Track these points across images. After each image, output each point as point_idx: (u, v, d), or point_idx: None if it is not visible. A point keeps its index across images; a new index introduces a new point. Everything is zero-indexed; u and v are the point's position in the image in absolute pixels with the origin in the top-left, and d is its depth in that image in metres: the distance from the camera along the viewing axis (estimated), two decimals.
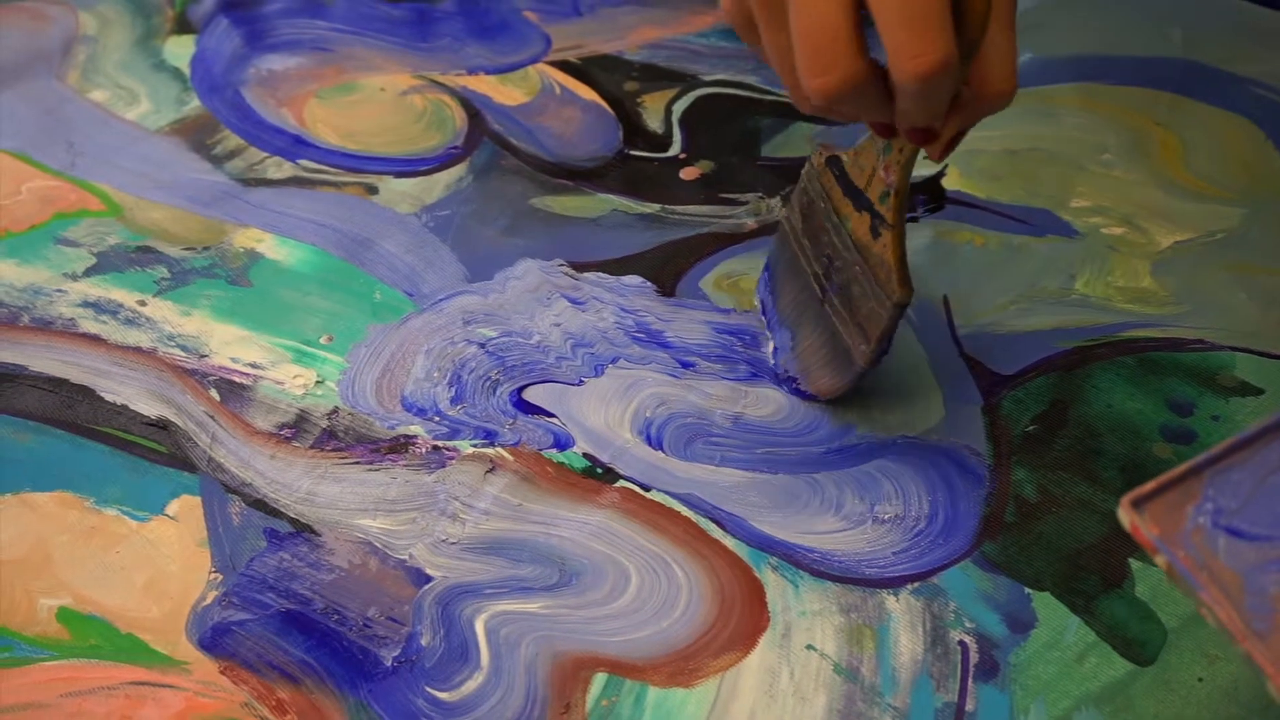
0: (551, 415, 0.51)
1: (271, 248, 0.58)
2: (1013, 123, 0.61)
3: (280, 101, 0.64)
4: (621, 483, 0.49)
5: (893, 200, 0.45)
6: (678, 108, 0.64)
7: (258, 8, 0.69)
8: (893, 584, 0.45)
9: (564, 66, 0.66)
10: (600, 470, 0.49)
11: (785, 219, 0.52)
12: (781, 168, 0.60)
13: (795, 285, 0.51)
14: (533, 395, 0.52)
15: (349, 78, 0.66)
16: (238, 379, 0.52)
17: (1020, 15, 0.67)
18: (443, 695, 0.43)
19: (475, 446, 0.50)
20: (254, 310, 0.55)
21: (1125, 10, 0.67)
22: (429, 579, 0.46)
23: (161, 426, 0.51)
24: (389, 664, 0.44)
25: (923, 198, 0.58)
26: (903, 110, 0.41)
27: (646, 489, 0.48)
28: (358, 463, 0.50)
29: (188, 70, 0.66)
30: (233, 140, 0.63)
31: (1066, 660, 0.43)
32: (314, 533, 0.47)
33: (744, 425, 0.50)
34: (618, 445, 0.50)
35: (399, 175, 0.61)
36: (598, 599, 0.45)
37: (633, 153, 0.62)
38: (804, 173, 0.50)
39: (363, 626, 0.45)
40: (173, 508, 0.48)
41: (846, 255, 0.47)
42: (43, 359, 0.53)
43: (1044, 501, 0.47)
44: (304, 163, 0.61)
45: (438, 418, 0.51)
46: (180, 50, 0.67)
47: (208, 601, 0.46)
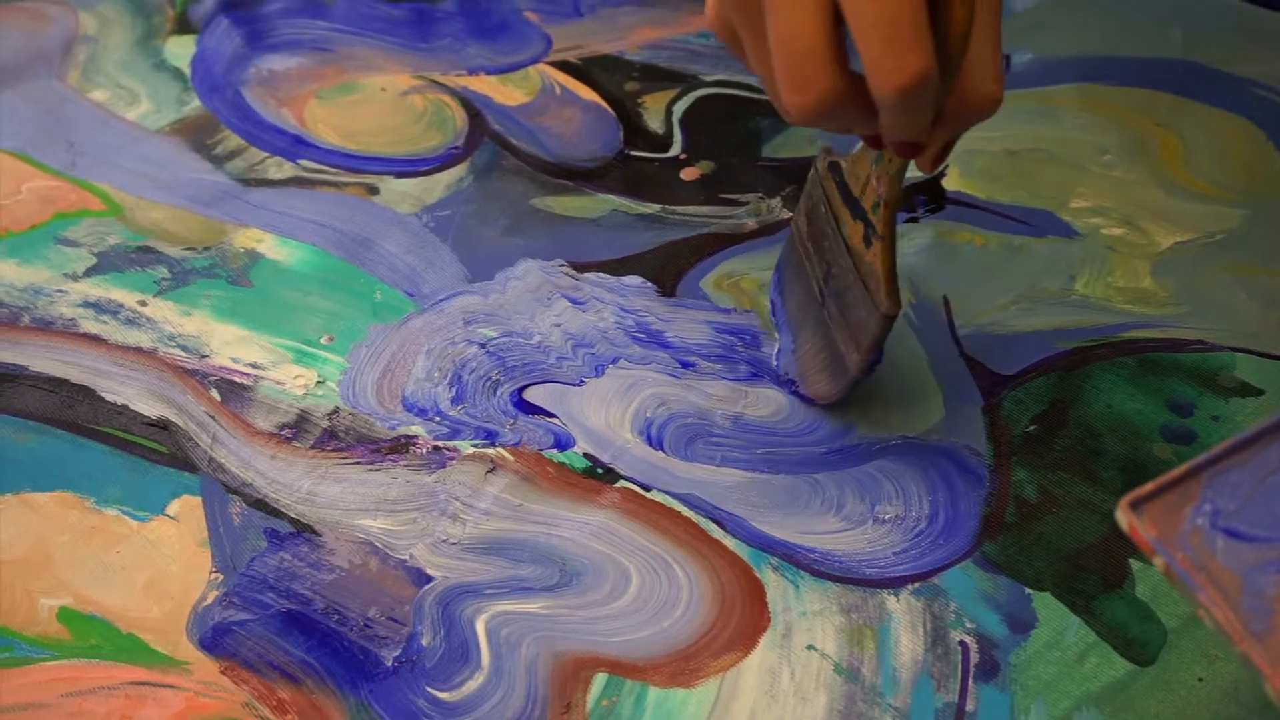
0: (552, 415, 0.51)
1: (272, 248, 0.58)
2: (1013, 123, 0.61)
3: (281, 101, 0.64)
4: (622, 483, 0.49)
5: (883, 211, 0.44)
6: (678, 108, 0.64)
7: (258, 8, 0.69)
8: (893, 584, 0.45)
9: (564, 67, 0.66)
10: (601, 470, 0.49)
11: (794, 221, 0.51)
12: (782, 168, 0.60)
13: (799, 288, 0.51)
14: (533, 395, 0.52)
15: (349, 78, 0.66)
16: (238, 379, 0.52)
17: (1020, 15, 0.68)
18: (443, 695, 0.43)
19: (476, 447, 0.50)
20: (255, 310, 0.55)
21: (1125, 10, 0.67)
22: (430, 579, 0.46)
23: (162, 427, 0.51)
24: (390, 664, 0.44)
25: (923, 198, 0.58)
26: (885, 124, 0.40)
27: (647, 489, 0.48)
28: (358, 463, 0.50)
29: (188, 70, 0.66)
30: (233, 140, 0.63)
31: (1067, 660, 0.43)
32: (315, 533, 0.47)
33: (744, 425, 0.50)
34: (618, 445, 0.50)
35: (399, 175, 0.61)
36: (598, 599, 0.45)
37: (633, 153, 0.62)
38: (810, 175, 0.50)
39: (363, 627, 0.45)
40: (173, 508, 0.48)
41: (843, 261, 0.47)
42: (43, 359, 0.53)
43: (1044, 502, 0.47)
44: (304, 163, 0.61)
45: (438, 418, 0.51)
46: (181, 50, 0.67)
47: (208, 601, 0.46)
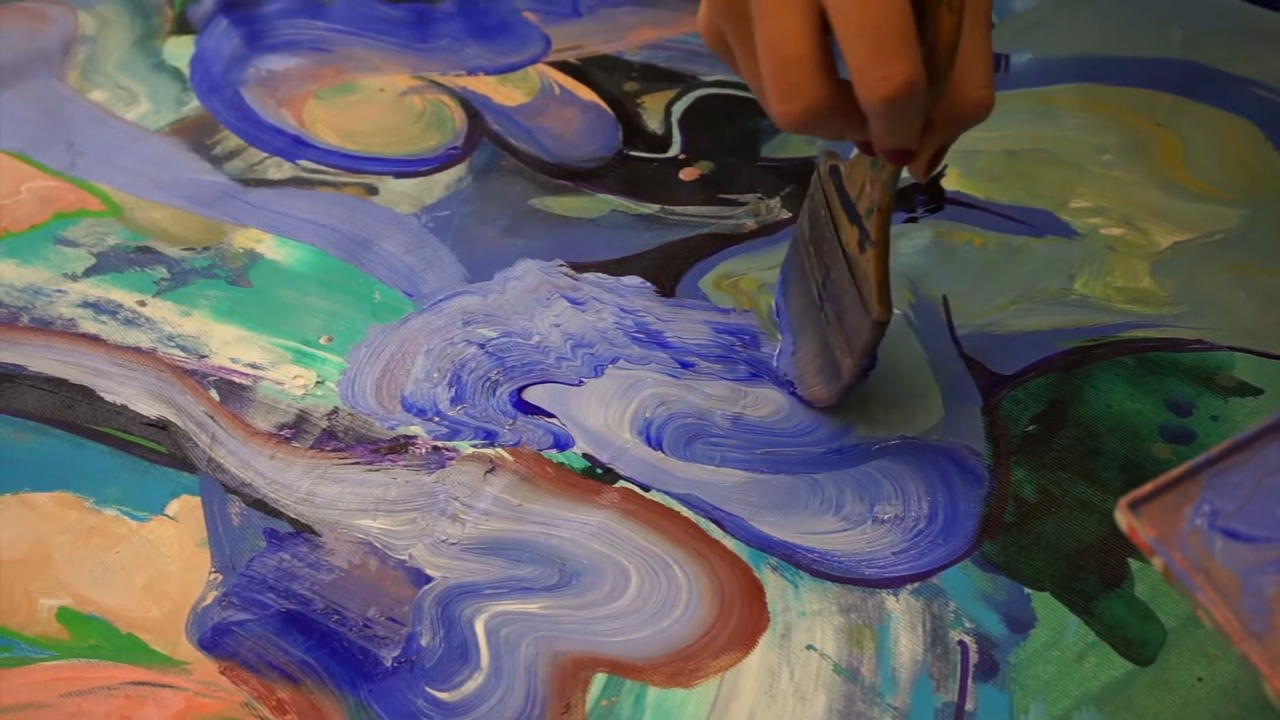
0: (551, 416, 0.51)
1: (271, 248, 0.58)
2: (1012, 123, 0.61)
3: (280, 102, 0.64)
4: (621, 483, 0.49)
5: (877, 217, 0.44)
6: (677, 108, 0.64)
7: (257, 8, 0.69)
8: (892, 584, 0.45)
9: (563, 67, 0.66)
10: (600, 470, 0.49)
11: (798, 224, 0.51)
12: (781, 168, 0.60)
13: (800, 291, 0.51)
14: (532, 396, 0.52)
15: (348, 78, 0.66)
16: (237, 379, 0.52)
17: (1020, 15, 0.68)
18: (443, 695, 0.43)
19: (475, 447, 0.50)
20: (254, 310, 0.55)
21: (1125, 11, 0.67)
22: (429, 579, 0.46)
23: (161, 427, 0.51)
24: (389, 664, 0.44)
25: (922, 198, 0.58)
26: (875, 133, 0.39)
27: (646, 489, 0.48)
28: (357, 463, 0.50)
29: (187, 70, 0.66)
30: (232, 140, 0.63)
31: (1066, 660, 0.43)
32: (314, 533, 0.47)
33: (744, 425, 0.50)
34: (617, 445, 0.50)
35: (398, 176, 0.61)
36: (598, 599, 0.45)
37: (632, 153, 0.62)
38: (813, 179, 0.50)
39: (363, 627, 0.45)
40: (172, 508, 0.48)
41: (840, 266, 0.47)
42: (42, 359, 0.53)
43: (1043, 501, 0.47)
44: (303, 163, 0.61)
45: (437, 418, 0.51)
46: (180, 50, 0.67)
47: (208, 602, 0.46)
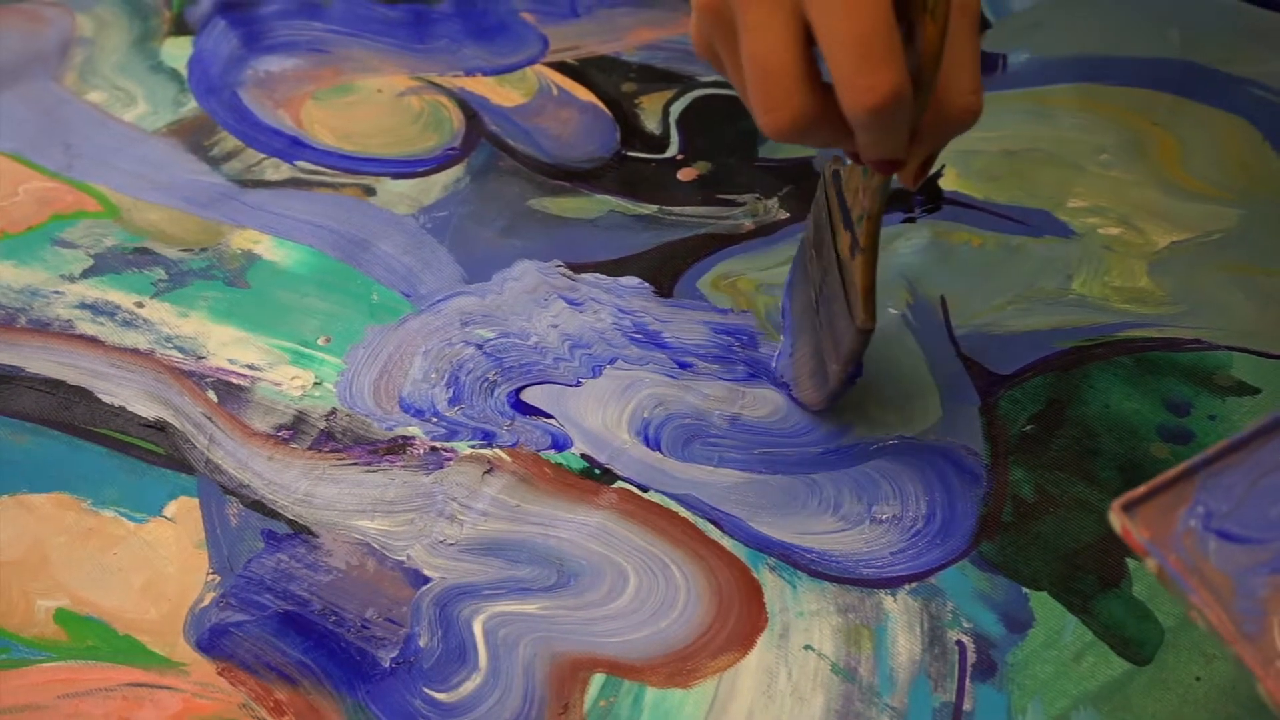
0: (549, 416, 0.51)
1: (269, 249, 0.58)
2: (1010, 123, 0.61)
3: (277, 103, 0.64)
4: (619, 483, 0.49)
5: (865, 224, 0.44)
6: (675, 109, 0.64)
7: (255, 9, 0.69)
8: (890, 584, 0.45)
9: (561, 68, 0.66)
10: (598, 471, 0.49)
11: (806, 225, 0.51)
12: (779, 169, 0.60)
13: (802, 293, 0.51)
14: (530, 396, 0.52)
15: (346, 79, 0.66)
16: (235, 380, 0.52)
17: (1019, 15, 0.68)
18: (441, 696, 0.43)
19: (473, 447, 0.50)
20: (251, 312, 0.55)
21: (1124, 10, 0.67)
22: (427, 580, 0.46)
23: (159, 428, 0.51)
24: (387, 665, 0.44)
25: (920, 198, 0.58)
26: (861, 143, 0.39)
27: (644, 490, 0.48)
28: (355, 464, 0.50)
29: (185, 72, 0.66)
30: (230, 142, 0.63)
31: (1064, 660, 0.43)
32: (312, 534, 0.47)
33: (742, 426, 0.50)
34: (615, 446, 0.50)
35: (396, 176, 0.61)
36: (596, 600, 0.45)
37: (630, 154, 0.62)
38: (820, 182, 0.50)
39: (361, 627, 0.45)
40: (170, 509, 0.48)
41: (834, 271, 0.47)
42: (40, 360, 0.53)
43: (1041, 501, 0.47)
44: (301, 164, 0.61)
45: (435, 419, 0.51)
46: (177, 52, 0.67)
47: (205, 603, 0.46)
